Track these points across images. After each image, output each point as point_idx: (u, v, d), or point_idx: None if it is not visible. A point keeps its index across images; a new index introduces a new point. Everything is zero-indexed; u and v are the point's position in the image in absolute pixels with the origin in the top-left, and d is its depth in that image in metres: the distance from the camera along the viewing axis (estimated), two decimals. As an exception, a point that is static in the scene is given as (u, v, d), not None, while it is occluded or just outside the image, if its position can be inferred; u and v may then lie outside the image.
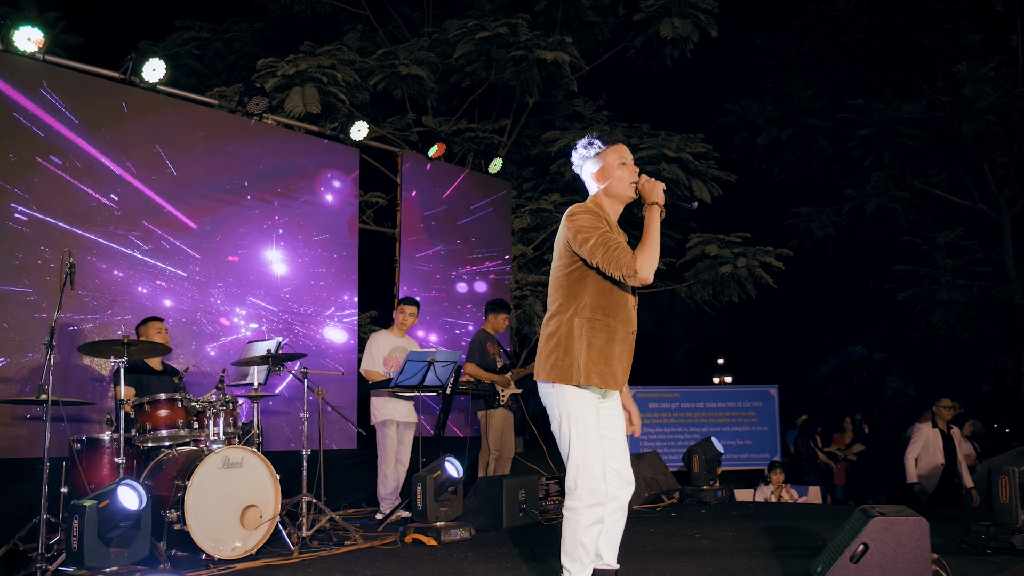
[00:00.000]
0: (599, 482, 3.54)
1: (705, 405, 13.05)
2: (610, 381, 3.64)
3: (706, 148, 11.06)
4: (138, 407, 5.75)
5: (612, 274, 3.52)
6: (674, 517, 7.40)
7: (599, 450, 3.59)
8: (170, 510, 5.35)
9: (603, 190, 3.77)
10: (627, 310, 3.71)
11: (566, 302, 3.66)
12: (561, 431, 3.65)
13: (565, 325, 3.64)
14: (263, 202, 8.23)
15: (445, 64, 10.75)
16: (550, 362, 3.65)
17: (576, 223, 3.61)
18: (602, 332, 3.61)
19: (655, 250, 3.52)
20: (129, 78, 7.42)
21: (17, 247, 6.59)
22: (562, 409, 3.64)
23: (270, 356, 6.29)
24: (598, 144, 3.78)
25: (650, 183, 3.68)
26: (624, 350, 3.70)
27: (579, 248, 3.58)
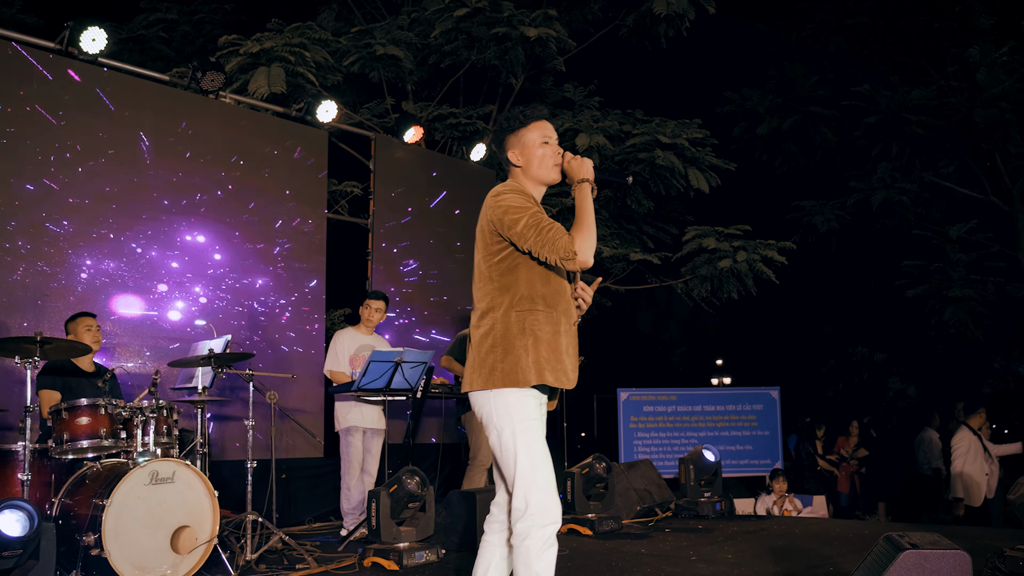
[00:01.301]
0: (552, 498, 3.08)
1: (703, 408, 12.36)
2: (563, 378, 3.16)
3: (703, 134, 10.36)
4: (56, 414, 5.05)
5: (547, 259, 3.09)
6: (668, 534, 6.71)
7: (549, 461, 3.12)
8: (87, 533, 4.65)
9: (522, 172, 3.34)
10: (567, 300, 3.28)
11: (498, 296, 3.19)
12: (503, 443, 3.13)
13: (500, 322, 3.16)
14: (218, 188, 7.53)
15: (424, 44, 10.05)
16: (487, 367, 3.15)
17: (502, 203, 3.17)
18: (547, 324, 3.15)
19: (592, 229, 3.13)
20: (67, 49, 6.72)
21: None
22: (504, 418, 3.13)
23: (212, 356, 5.57)
24: (518, 120, 3.35)
25: (577, 160, 3.27)
26: (570, 344, 3.24)
27: (507, 231, 3.14)
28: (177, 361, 5.72)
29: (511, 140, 3.34)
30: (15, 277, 6.31)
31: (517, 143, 3.32)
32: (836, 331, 23.63)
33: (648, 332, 35.00)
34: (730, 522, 7.31)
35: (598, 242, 10.35)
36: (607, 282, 11.70)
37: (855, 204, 14.20)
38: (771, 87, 14.43)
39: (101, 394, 5.37)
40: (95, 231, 6.76)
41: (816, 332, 24.36)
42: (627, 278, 11.89)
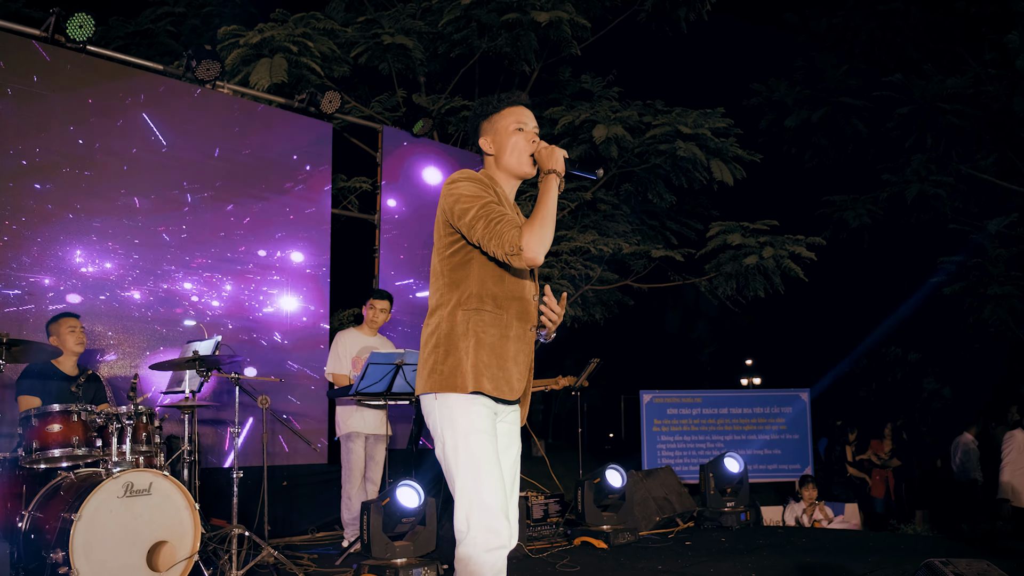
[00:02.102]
0: (498, 518, 2.75)
1: (729, 411, 11.88)
2: (503, 387, 2.85)
3: (727, 123, 9.88)
4: (25, 421, 4.73)
5: (494, 253, 2.79)
6: (688, 547, 6.29)
7: (497, 476, 2.78)
8: (55, 550, 4.31)
9: (495, 161, 3.06)
10: (523, 301, 2.95)
11: (447, 293, 2.92)
12: (446, 455, 2.82)
13: (446, 320, 2.88)
14: (216, 182, 7.20)
15: (434, 34, 9.67)
16: (428, 367, 2.87)
17: (454, 191, 2.89)
18: (493, 327, 2.86)
19: (547, 224, 2.78)
20: (53, 36, 6.42)
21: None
22: (447, 426, 2.83)
23: (196, 359, 5.23)
24: (491, 104, 3.09)
25: (548, 149, 2.96)
26: (521, 349, 2.92)
27: (457, 222, 2.86)
28: (159, 364, 5.38)
29: (484, 126, 3.07)
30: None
31: (490, 129, 3.05)
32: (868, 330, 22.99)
33: (676, 332, 34.49)
34: (756, 534, 6.87)
35: (618, 238, 9.99)
36: (628, 280, 11.26)
37: (888, 198, 13.63)
38: (799, 78, 13.89)
39: (75, 399, 5.04)
40: (83, 227, 6.44)
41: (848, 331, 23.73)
42: (650, 276, 11.44)
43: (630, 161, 10.45)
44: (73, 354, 5.52)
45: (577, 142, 10.15)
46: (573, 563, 5.63)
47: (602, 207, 11.14)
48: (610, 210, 11.18)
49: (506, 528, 2.75)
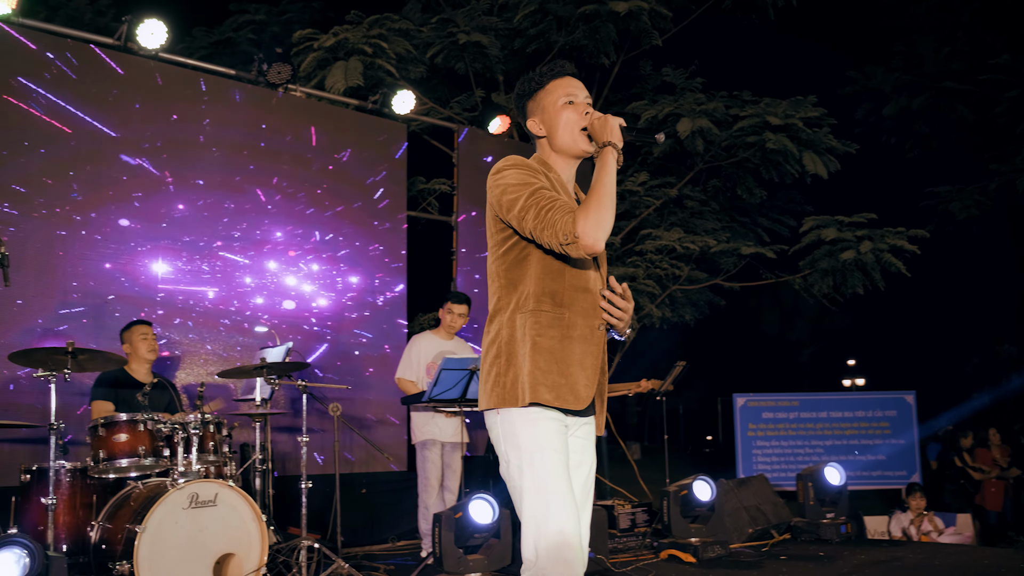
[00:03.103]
0: (573, 550, 2.44)
1: (829, 415, 11.32)
2: (567, 396, 2.52)
3: (819, 113, 9.37)
4: (93, 430, 4.68)
5: (548, 244, 2.48)
6: (783, 561, 5.89)
7: (568, 499, 2.47)
8: (120, 561, 4.23)
9: (548, 143, 2.73)
10: (589, 296, 2.61)
11: (505, 295, 2.61)
12: (510, 476, 2.55)
13: (506, 327, 2.58)
14: (290, 187, 7.13)
15: (509, 29, 9.46)
16: (491, 380, 2.57)
17: (501, 181, 2.59)
18: (552, 328, 2.54)
19: (605, 206, 2.44)
20: (125, 44, 6.44)
21: None
22: (510, 444, 2.54)
23: (264, 366, 5.11)
24: (534, 81, 2.75)
25: (601, 119, 2.61)
26: (588, 351, 2.58)
27: (507, 214, 2.56)
28: (226, 371, 5.29)
29: (530, 106, 2.75)
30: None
31: (537, 108, 2.73)
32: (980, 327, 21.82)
33: (774, 332, 33.50)
34: (857, 548, 6.41)
35: (706, 235, 9.59)
36: (718, 279, 10.82)
37: (997, 188, 12.80)
38: (898, 64, 13.18)
39: (141, 408, 4.99)
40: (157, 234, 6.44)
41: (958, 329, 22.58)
42: (741, 274, 10.98)
43: (717, 155, 10.04)
44: (146, 361, 5.49)
45: (661, 137, 9.78)
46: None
47: (689, 204, 10.74)
48: (697, 207, 10.77)
49: (579, 557, 2.46)
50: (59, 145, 6.05)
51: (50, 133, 6.01)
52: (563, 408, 2.53)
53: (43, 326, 5.83)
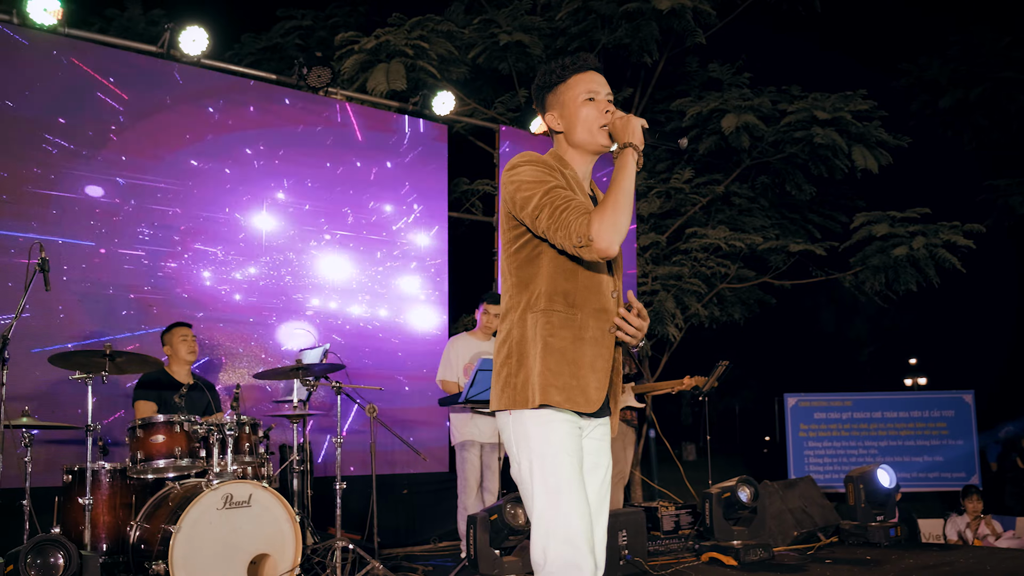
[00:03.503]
0: (582, 553, 2.38)
1: (883, 415, 11.06)
2: (578, 398, 2.44)
3: (869, 106, 9.14)
4: (131, 432, 4.75)
5: (562, 245, 2.41)
6: (828, 565, 5.76)
7: (582, 504, 2.42)
8: (156, 561, 4.29)
9: (565, 138, 2.64)
10: (601, 298, 2.54)
11: (516, 294, 2.55)
12: (522, 478, 2.49)
13: (517, 326, 2.52)
14: (333, 190, 7.19)
15: (552, 29, 9.41)
16: (501, 380, 2.52)
17: (515, 178, 2.51)
18: (564, 328, 2.47)
19: (621, 209, 2.37)
20: (168, 52, 6.54)
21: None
22: (521, 445, 2.48)
23: (299, 367, 5.15)
24: (555, 74, 2.65)
25: (623, 119, 2.51)
26: (600, 354, 2.50)
27: (520, 212, 2.49)
28: (262, 373, 5.34)
29: (550, 100, 2.65)
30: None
31: (556, 102, 2.63)
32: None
33: (832, 331, 32.90)
34: (906, 552, 6.24)
35: (754, 233, 9.43)
36: (766, 277, 10.64)
37: (1061, 181, 12.40)
38: (954, 54, 12.80)
39: (177, 409, 5.06)
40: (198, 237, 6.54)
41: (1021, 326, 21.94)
42: (794, 273, 10.79)
43: (765, 151, 9.87)
44: (185, 363, 5.57)
45: (707, 133, 9.66)
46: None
47: (737, 201, 10.58)
48: (746, 204, 10.61)
49: (589, 563, 2.39)
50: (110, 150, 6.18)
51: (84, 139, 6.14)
52: (575, 410, 2.47)
53: (86, 330, 5.95)
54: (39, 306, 5.71)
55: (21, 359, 5.43)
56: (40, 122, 5.93)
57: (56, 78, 6.04)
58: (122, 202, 6.21)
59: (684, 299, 9.70)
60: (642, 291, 9.66)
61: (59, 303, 5.86)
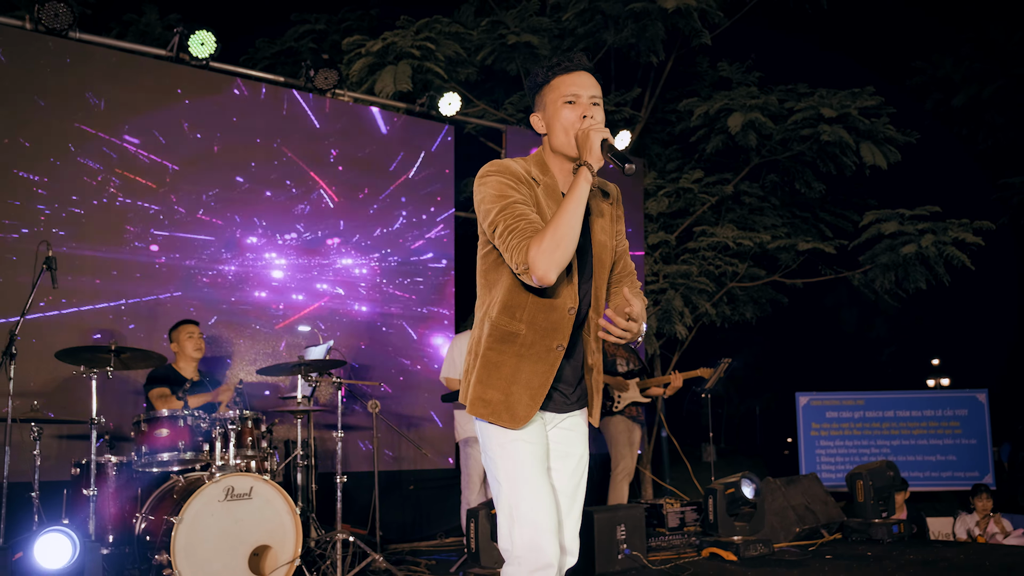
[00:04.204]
0: (544, 536, 2.44)
1: (896, 414, 11.04)
2: (502, 414, 2.48)
3: (876, 102, 9.14)
4: (136, 426, 4.88)
5: (509, 266, 2.42)
6: (827, 561, 5.77)
7: (542, 491, 2.49)
8: (159, 551, 4.40)
9: (548, 140, 2.60)
10: (553, 315, 2.52)
11: (482, 295, 2.60)
12: (488, 468, 2.57)
13: (478, 326, 2.59)
14: (337, 187, 7.29)
15: (560, 29, 9.47)
16: (464, 373, 2.63)
17: (481, 189, 2.51)
18: (503, 343, 2.51)
19: (561, 238, 2.32)
20: (178, 56, 6.68)
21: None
22: (485, 435, 2.56)
23: (301, 364, 5.25)
24: (540, 75, 2.59)
25: (584, 132, 2.43)
26: (539, 371, 2.51)
27: (483, 223, 2.51)
28: (265, 368, 5.44)
29: (537, 101, 2.61)
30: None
31: (541, 104, 2.59)
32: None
33: (852, 331, 32.67)
34: (908, 548, 6.24)
35: (763, 231, 9.43)
36: (776, 275, 10.64)
37: (1077, 178, 12.33)
38: (967, 52, 12.75)
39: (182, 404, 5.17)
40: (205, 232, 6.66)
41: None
42: (805, 271, 10.78)
43: (774, 150, 9.89)
44: (192, 359, 5.68)
45: (714, 132, 9.69)
46: (693, 575, 5.28)
47: (747, 200, 10.59)
48: (756, 203, 10.62)
49: (552, 546, 2.44)
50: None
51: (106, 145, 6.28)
52: (500, 426, 2.49)
53: (95, 326, 6.08)
54: (49, 304, 5.84)
55: (33, 356, 5.57)
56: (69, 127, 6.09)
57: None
58: (124, 197, 6.34)
59: (692, 298, 9.73)
60: (651, 290, 9.71)
61: (69, 301, 5.99)
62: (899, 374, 31.89)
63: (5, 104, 5.92)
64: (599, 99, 2.56)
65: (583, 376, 2.67)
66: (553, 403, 2.59)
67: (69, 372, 5.24)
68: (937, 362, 33.57)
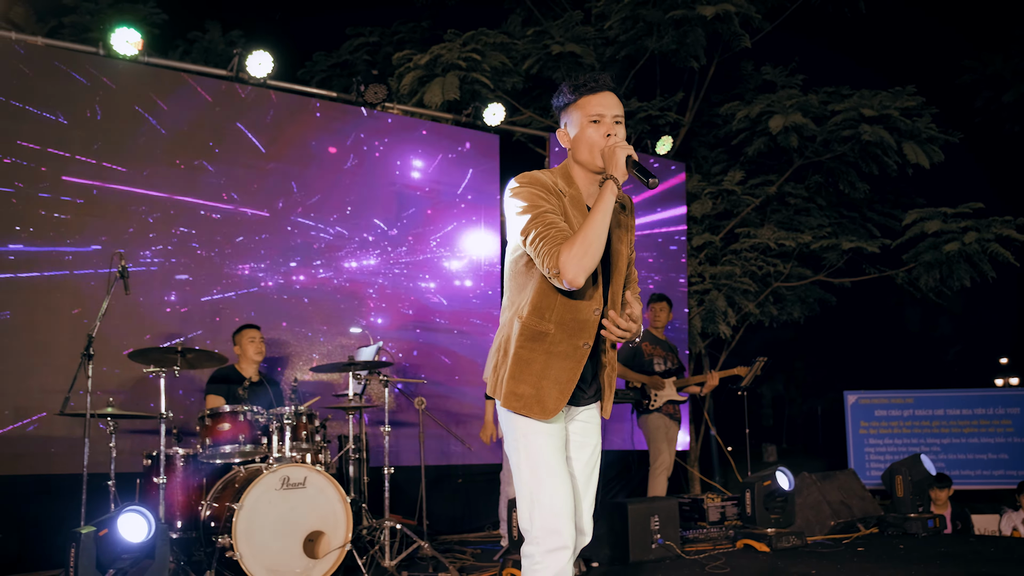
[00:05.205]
0: (561, 520, 2.70)
1: (946, 412, 11.04)
2: (534, 407, 2.75)
3: (916, 102, 9.21)
4: (201, 420, 5.29)
5: (540, 269, 2.69)
6: (859, 554, 5.95)
7: (560, 477, 2.75)
8: (222, 535, 4.80)
9: (572, 154, 2.86)
10: (579, 316, 2.79)
11: (513, 296, 2.85)
12: (509, 454, 2.85)
13: (507, 325, 2.85)
14: (388, 196, 7.67)
15: (603, 38, 9.74)
16: (490, 369, 2.89)
17: (512, 199, 2.76)
18: (534, 342, 2.77)
19: (590, 244, 2.59)
20: (237, 75, 7.12)
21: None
22: (507, 427, 2.82)
23: (352, 363, 5.62)
24: (565, 94, 2.85)
25: (610, 149, 2.69)
26: (567, 367, 2.78)
27: (515, 230, 2.76)
28: (318, 367, 5.83)
29: (563, 118, 2.87)
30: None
31: (567, 121, 2.85)
32: None
33: (916, 330, 32.21)
34: (941, 542, 6.38)
35: (808, 231, 9.56)
36: (821, 275, 10.75)
37: None
38: (1018, 49, 12.65)
39: (242, 401, 5.58)
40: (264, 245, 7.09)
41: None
42: (852, 270, 10.87)
43: (816, 151, 10.01)
44: (253, 361, 6.09)
45: (756, 135, 9.86)
46: (725, 565, 5.51)
47: (792, 201, 10.72)
48: (801, 203, 10.74)
49: (569, 529, 2.71)
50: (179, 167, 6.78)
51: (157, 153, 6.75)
52: (530, 417, 2.75)
53: (165, 329, 6.55)
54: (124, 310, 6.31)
55: (109, 357, 6.04)
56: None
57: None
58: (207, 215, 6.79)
59: (735, 298, 9.90)
60: (695, 290, 9.91)
61: (142, 307, 6.46)
62: (966, 373, 31.32)
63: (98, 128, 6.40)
64: (622, 118, 2.82)
65: (598, 372, 2.95)
66: (573, 397, 2.84)
67: (140, 372, 5.66)
68: (1006, 361, 32.89)
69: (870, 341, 29.20)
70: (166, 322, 6.58)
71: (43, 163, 6.23)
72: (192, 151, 6.83)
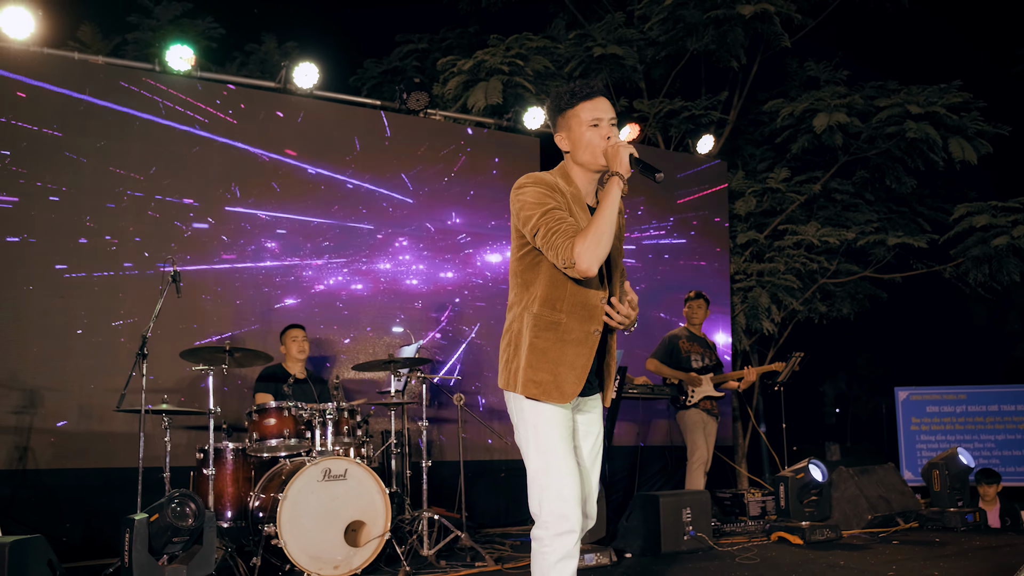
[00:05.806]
0: (569, 505, 2.88)
1: (1000, 408, 10.89)
2: (552, 392, 2.94)
3: (964, 98, 9.13)
4: (248, 416, 5.59)
5: (552, 262, 2.90)
6: (893, 546, 6.01)
7: (569, 466, 2.94)
8: (267, 523, 5.09)
9: (571, 156, 3.07)
10: (588, 304, 2.99)
11: (520, 293, 3.05)
12: (520, 443, 3.04)
13: (517, 320, 3.03)
14: (433, 200, 7.91)
15: (644, 39, 9.85)
16: (503, 363, 3.08)
17: (520, 198, 2.96)
18: (548, 331, 2.96)
19: (603, 235, 2.80)
20: (285, 87, 7.43)
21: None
22: (518, 418, 3.03)
23: (391, 360, 5.88)
24: (564, 99, 3.04)
25: (613, 148, 2.92)
26: (581, 353, 2.98)
27: (523, 228, 2.95)
28: (359, 365, 6.09)
29: (560, 122, 3.06)
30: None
31: (564, 125, 3.04)
32: None
33: (983, 325, 31.48)
34: (977, 536, 6.39)
35: (854, 227, 9.54)
36: (869, 271, 10.70)
37: None
38: (1075, 37, 12.45)
39: (287, 398, 5.86)
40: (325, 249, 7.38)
41: None
42: (902, 265, 10.79)
43: (861, 147, 9.98)
44: (297, 360, 6.38)
45: (800, 132, 9.87)
46: (756, 556, 5.63)
47: (839, 197, 10.68)
48: (849, 199, 10.70)
49: (575, 514, 2.89)
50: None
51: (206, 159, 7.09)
52: (549, 402, 2.95)
53: (217, 329, 6.88)
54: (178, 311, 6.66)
55: (163, 356, 6.38)
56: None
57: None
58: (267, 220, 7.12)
59: (779, 295, 9.93)
60: (738, 287, 9.96)
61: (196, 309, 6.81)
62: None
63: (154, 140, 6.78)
64: (615, 120, 3.05)
65: (602, 360, 3.14)
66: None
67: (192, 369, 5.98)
68: (1074, 356, 31.91)
69: (932, 337, 28.63)
70: (216, 321, 6.90)
71: (104, 177, 6.60)
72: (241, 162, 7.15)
